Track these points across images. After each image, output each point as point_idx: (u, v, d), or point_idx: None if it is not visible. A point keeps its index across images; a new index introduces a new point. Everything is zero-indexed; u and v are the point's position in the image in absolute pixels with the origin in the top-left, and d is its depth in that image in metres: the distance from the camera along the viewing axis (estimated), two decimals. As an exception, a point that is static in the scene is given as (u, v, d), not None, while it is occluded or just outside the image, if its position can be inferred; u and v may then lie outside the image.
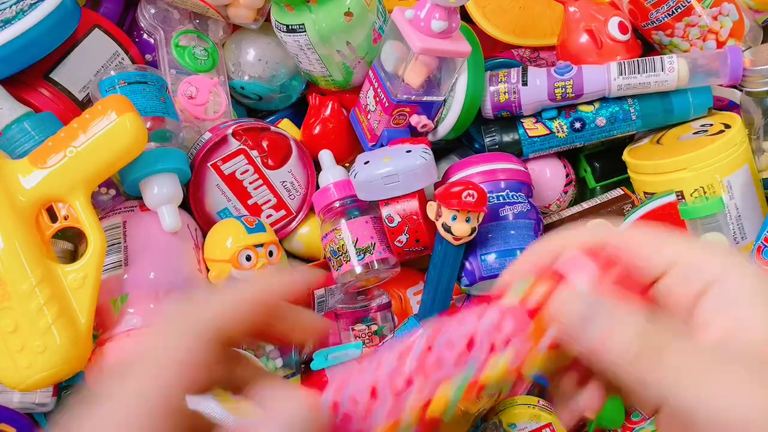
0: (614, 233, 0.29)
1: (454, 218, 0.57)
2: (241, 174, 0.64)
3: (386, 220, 0.61)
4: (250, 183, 0.65)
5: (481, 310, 0.27)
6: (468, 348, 0.26)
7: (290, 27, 0.61)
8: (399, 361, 0.26)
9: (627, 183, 0.68)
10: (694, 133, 0.62)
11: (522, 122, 0.66)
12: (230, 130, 0.63)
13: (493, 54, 0.72)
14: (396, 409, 0.26)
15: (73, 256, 0.59)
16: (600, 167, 0.71)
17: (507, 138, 0.66)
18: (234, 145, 0.63)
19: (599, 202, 0.68)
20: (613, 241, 0.29)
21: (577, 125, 0.65)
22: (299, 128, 0.70)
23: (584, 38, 0.66)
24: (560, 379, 0.29)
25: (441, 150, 0.72)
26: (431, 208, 0.58)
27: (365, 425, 0.26)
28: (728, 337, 0.26)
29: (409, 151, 0.60)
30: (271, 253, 0.60)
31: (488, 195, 0.59)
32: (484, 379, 0.26)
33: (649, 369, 0.24)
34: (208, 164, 0.63)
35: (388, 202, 0.61)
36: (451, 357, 0.26)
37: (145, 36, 0.68)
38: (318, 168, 0.68)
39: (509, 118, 0.67)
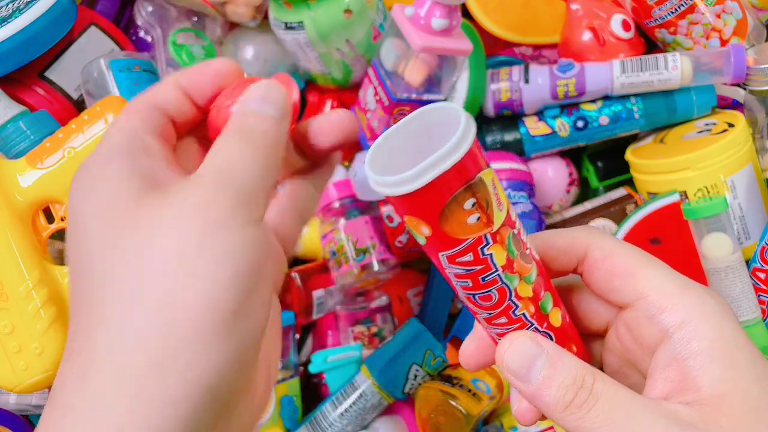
0: (600, 241, 0.28)
1: (455, 218, 0.56)
2: (240, 173, 0.63)
3: (386, 220, 0.60)
4: (249, 182, 0.64)
5: None
6: None
7: (289, 24, 0.61)
8: None
9: (630, 183, 0.67)
10: (698, 132, 0.62)
11: (524, 121, 0.66)
12: (229, 129, 0.62)
13: (495, 52, 0.71)
14: None
15: (69, 258, 0.58)
16: (603, 167, 0.71)
17: (509, 137, 0.66)
18: (232, 144, 0.62)
19: (602, 202, 0.67)
20: (596, 250, 0.28)
21: (580, 124, 0.65)
22: (298, 127, 0.69)
23: (587, 36, 0.66)
24: None
25: (441, 149, 0.71)
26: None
27: None
28: (669, 396, 0.25)
29: (409, 151, 0.60)
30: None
31: (489, 195, 0.59)
32: None
33: (577, 421, 0.25)
34: (207, 164, 0.62)
35: (388, 201, 0.60)
36: None
37: (141, 34, 0.67)
38: (317, 167, 0.67)
39: (511, 116, 0.66)
